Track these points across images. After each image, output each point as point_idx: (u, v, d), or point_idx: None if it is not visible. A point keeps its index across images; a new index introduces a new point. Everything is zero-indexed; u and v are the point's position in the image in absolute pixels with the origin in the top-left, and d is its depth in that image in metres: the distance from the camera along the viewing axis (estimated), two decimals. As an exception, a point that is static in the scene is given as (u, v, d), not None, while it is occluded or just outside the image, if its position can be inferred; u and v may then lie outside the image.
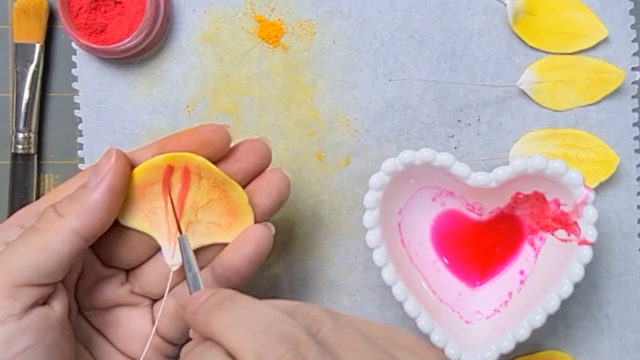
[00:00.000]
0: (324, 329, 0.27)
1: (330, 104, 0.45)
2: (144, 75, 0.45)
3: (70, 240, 0.32)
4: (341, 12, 0.45)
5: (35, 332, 0.31)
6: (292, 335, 0.26)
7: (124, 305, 0.37)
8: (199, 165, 0.35)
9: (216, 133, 0.36)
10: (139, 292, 0.37)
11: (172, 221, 0.36)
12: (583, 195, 0.39)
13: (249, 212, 0.36)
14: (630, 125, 0.45)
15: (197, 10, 0.45)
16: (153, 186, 0.35)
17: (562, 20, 0.44)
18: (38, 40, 0.45)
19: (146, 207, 0.36)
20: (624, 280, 0.45)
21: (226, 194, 0.36)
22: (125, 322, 0.37)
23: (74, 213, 0.33)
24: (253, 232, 0.35)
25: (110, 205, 0.34)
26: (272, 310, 0.28)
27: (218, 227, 0.36)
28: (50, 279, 0.32)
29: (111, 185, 0.33)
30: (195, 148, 0.35)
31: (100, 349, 0.36)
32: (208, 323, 0.28)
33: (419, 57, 0.45)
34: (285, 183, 0.37)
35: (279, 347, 0.25)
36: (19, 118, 0.45)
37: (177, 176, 0.35)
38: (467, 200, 0.43)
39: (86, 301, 0.36)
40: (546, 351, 0.45)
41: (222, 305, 0.29)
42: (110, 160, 0.34)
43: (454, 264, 0.44)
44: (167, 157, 0.35)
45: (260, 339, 0.26)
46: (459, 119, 0.45)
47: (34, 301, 0.32)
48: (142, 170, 0.35)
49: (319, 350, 0.26)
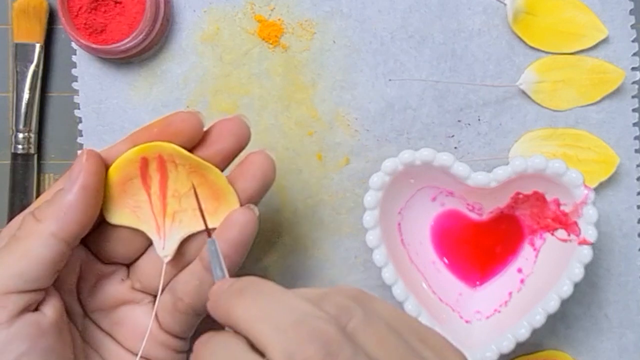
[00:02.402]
0: (353, 321, 0.26)
1: (330, 104, 0.45)
2: (144, 75, 0.45)
3: (51, 245, 0.32)
4: (341, 12, 0.45)
5: (27, 338, 0.31)
6: (323, 333, 0.25)
7: (127, 303, 0.37)
8: (171, 153, 0.35)
9: (186, 121, 0.35)
10: (139, 288, 0.37)
11: (159, 213, 0.36)
12: (583, 195, 0.39)
13: (232, 193, 0.35)
14: (630, 125, 0.45)
15: (197, 10, 0.45)
16: (133, 181, 0.35)
17: (562, 20, 0.44)
18: (38, 40, 0.45)
19: (130, 203, 0.35)
20: (624, 280, 0.45)
21: (205, 178, 0.35)
22: (129, 320, 0.37)
23: (50, 217, 0.33)
24: (236, 216, 0.35)
25: (86, 205, 0.33)
26: (300, 302, 0.26)
27: (204, 212, 0.35)
28: (37, 284, 0.32)
29: (84, 186, 0.33)
30: (167, 138, 0.35)
31: (109, 351, 0.36)
32: (230, 312, 0.27)
33: (419, 57, 0.45)
34: (269, 165, 0.36)
35: (309, 345, 0.24)
36: (19, 118, 0.45)
37: (154, 167, 0.35)
38: (467, 200, 0.43)
39: (90, 303, 0.36)
40: (546, 351, 0.45)
41: (246, 293, 0.28)
42: (82, 161, 0.34)
43: (454, 264, 0.44)
44: (139, 150, 0.35)
45: (289, 336, 0.25)
46: (459, 119, 0.45)
47: (23, 308, 0.32)
48: (118, 167, 0.35)
49: (351, 348, 0.25)
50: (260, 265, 0.45)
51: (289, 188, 0.45)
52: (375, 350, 0.26)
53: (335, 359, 0.24)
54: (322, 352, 0.24)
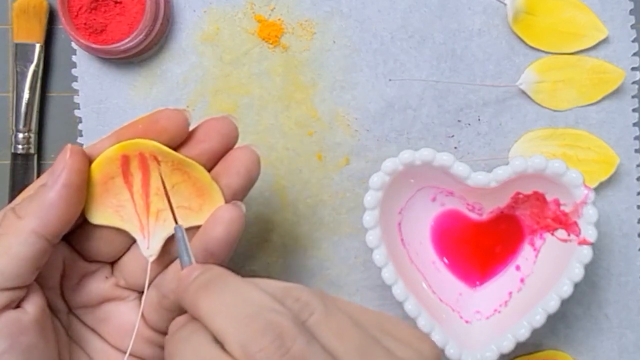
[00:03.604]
0: (314, 315, 0.27)
1: (330, 104, 0.45)
2: (144, 75, 0.45)
3: (31, 242, 0.32)
4: (341, 12, 0.45)
5: (8, 336, 0.31)
6: (278, 325, 0.26)
7: (112, 300, 0.37)
8: (153, 150, 0.34)
9: (171, 119, 0.34)
10: (124, 285, 0.37)
11: (142, 212, 0.35)
12: (583, 195, 0.39)
13: (216, 190, 0.35)
14: (630, 125, 0.45)
15: (197, 10, 0.45)
16: (114, 179, 0.35)
17: (562, 20, 0.44)
18: (38, 40, 0.45)
19: (113, 202, 0.35)
20: (624, 280, 0.45)
21: (189, 175, 0.35)
22: (115, 317, 0.36)
23: (31, 213, 0.32)
24: (222, 213, 0.34)
25: (68, 202, 0.33)
26: (261, 295, 0.27)
27: (189, 210, 0.35)
28: (17, 282, 0.32)
29: (67, 183, 0.33)
30: (152, 135, 0.34)
31: (94, 347, 0.36)
32: (195, 304, 0.28)
33: (419, 57, 0.45)
34: (253, 160, 0.35)
35: (263, 337, 0.26)
36: (19, 118, 0.45)
37: (136, 165, 0.34)
38: (467, 200, 0.43)
39: (74, 300, 0.36)
40: (546, 351, 0.45)
41: (210, 286, 0.29)
42: (65, 157, 0.33)
43: (454, 264, 0.44)
44: (119, 148, 0.34)
45: (245, 328, 0.26)
46: (459, 119, 0.45)
47: (3, 305, 0.31)
48: (99, 165, 0.34)
49: (304, 340, 0.26)
50: (260, 265, 0.45)
51: (289, 188, 0.45)
52: (333, 342, 0.27)
53: (288, 351, 0.26)
54: (275, 344, 0.26)
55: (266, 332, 0.26)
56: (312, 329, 0.27)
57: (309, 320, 0.27)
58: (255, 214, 0.45)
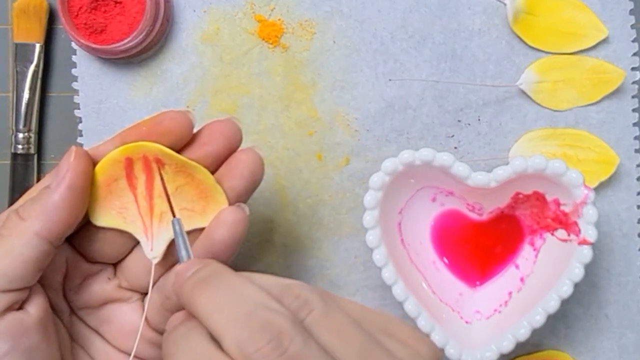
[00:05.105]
0: (313, 313, 0.27)
1: (330, 104, 0.45)
2: (144, 75, 0.45)
3: (34, 244, 0.32)
4: (341, 12, 0.45)
5: (10, 337, 0.31)
6: (275, 325, 0.26)
7: (114, 301, 0.37)
8: (156, 153, 0.34)
9: (175, 120, 0.34)
10: (126, 286, 0.37)
11: (146, 214, 0.35)
12: (583, 195, 0.39)
13: (220, 192, 0.35)
14: (630, 125, 0.45)
15: (197, 10, 0.45)
16: (118, 182, 0.35)
17: (562, 20, 0.44)
18: (38, 40, 0.45)
19: (117, 204, 0.35)
20: (624, 280, 0.45)
21: (192, 177, 0.35)
22: (117, 318, 0.36)
23: (35, 215, 0.32)
24: (225, 215, 0.34)
25: (72, 205, 0.33)
26: (259, 293, 0.27)
27: (192, 212, 0.35)
28: (20, 283, 0.32)
29: (71, 185, 0.32)
30: (156, 137, 0.34)
31: (96, 348, 0.36)
32: (192, 301, 0.28)
33: (419, 57, 0.45)
34: (257, 162, 0.35)
35: (260, 337, 0.25)
36: (19, 118, 0.45)
37: (139, 167, 0.35)
38: (467, 200, 0.43)
39: (77, 301, 0.36)
40: (546, 351, 0.45)
41: (208, 283, 0.28)
42: (70, 159, 0.33)
43: (454, 264, 0.44)
44: (123, 150, 0.34)
45: (242, 327, 0.26)
46: (459, 119, 0.45)
47: (6, 307, 0.31)
48: (103, 167, 0.34)
49: (301, 340, 0.26)
50: (261, 265, 0.45)
51: (289, 188, 0.45)
52: (332, 342, 0.26)
53: (285, 351, 0.25)
54: (272, 344, 0.25)
55: (263, 331, 0.26)
56: (310, 327, 0.27)
57: (307, 318, 0.27)
58: (256, 214, 0.45)
